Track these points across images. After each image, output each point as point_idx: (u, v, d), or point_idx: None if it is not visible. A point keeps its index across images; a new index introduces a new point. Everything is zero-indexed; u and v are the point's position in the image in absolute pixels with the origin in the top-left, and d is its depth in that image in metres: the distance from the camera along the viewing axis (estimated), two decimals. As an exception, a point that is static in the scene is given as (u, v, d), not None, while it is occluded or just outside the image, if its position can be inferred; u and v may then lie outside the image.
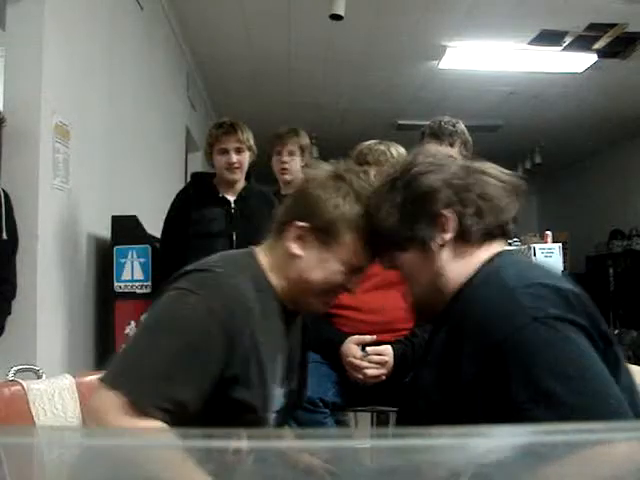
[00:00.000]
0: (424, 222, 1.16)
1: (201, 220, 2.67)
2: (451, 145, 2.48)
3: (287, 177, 3.04)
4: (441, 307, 1.18)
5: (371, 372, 2.03)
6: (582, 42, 4.82)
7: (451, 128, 2.50)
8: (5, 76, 2.43)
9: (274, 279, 1.27)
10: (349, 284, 1.30)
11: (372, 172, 2.27)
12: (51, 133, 2.46)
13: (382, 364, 2.03)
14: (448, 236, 1.15)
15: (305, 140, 3.10)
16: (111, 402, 1.05)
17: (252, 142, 2.73)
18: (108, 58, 3.18)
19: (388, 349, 2.07)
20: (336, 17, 3.82)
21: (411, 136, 2.54)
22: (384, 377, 2.05)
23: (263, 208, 2.81)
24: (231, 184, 2.74)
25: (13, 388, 1.29)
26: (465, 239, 1.15)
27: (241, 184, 2.77)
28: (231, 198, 2.73)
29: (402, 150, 2.36)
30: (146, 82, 3.94)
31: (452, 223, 1.15)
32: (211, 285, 1.17)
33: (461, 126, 2.53)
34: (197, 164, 5.72)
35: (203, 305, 1.14)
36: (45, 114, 2.42)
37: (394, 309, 2.15)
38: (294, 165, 3.05)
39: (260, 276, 1.26)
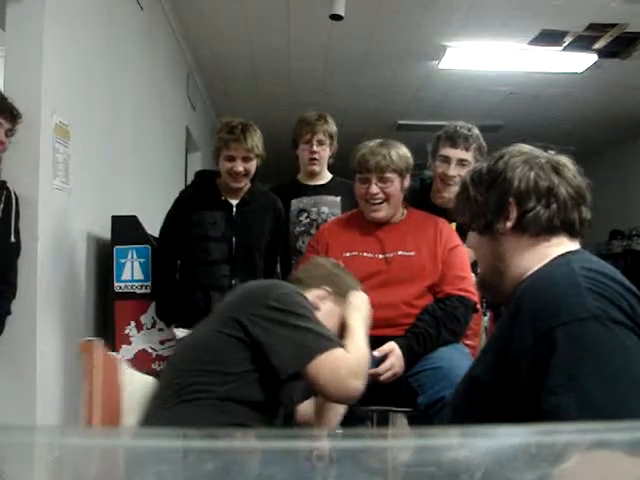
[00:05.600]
0: (493, 207, 1.23)
1: (201, 222, 2.61)
2: (466, 149, 2.45)
3: (316, 168, 2.91)
4: (504, 290, 1.24)
5: (385, 378, 2.05)
6: (582, 42, 4.82)
7: (466, 132, 2.46)
8: (5, 76, 2.43)
9: None
10: None
11: (374, 180, 2.23)
12: (51, 133, 2.46)
13: (390, 368, 2.06)
14: (509, 225, 1.21)
15: (334, 127, 2.94)
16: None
17: (261, 148, 2.60)
18: (108, 58, 3.18)
19: (392, 347, 2.08)
20: (336, 17, 3.82)
21: (411, 136, 2.54)
22: (398, 374, 2.08)
23: (265, 213, 2.75)
24: (234, 190, 2.68)
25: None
26: (527, 231, 1.21)
27: (245, 188, 2.70)
28: (234, 202, 2.66)
29: (405, 151, 2.30)
30: (146, 82, 3.94)
31: (514, 213, 1.21)
32: None
33: (476, 131, 2.49)
34: (197, 164, 5.71)
35: None
36: (45, 114, 2.42)
37: (399, 305, 2.18)
38: (324, 155, 2.91)
39: None
